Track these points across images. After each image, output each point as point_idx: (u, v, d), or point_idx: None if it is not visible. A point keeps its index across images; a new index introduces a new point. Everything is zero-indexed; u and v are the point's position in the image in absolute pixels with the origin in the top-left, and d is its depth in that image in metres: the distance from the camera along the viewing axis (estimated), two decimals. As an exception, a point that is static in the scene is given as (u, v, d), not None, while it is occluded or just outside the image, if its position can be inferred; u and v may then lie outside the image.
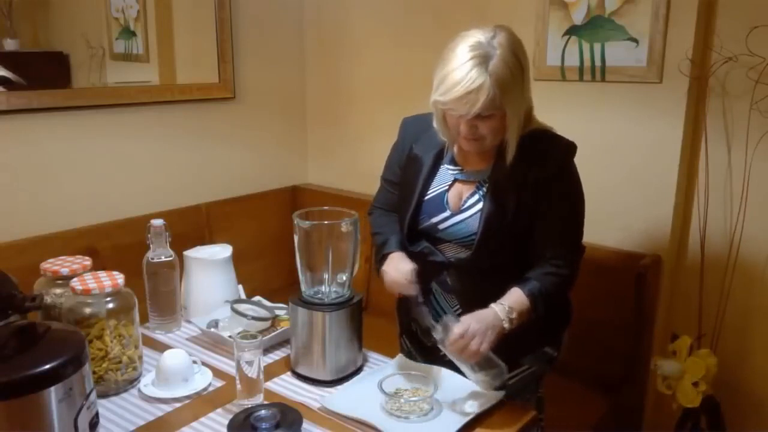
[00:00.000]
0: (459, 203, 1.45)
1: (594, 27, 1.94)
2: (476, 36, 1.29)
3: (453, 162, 1.48)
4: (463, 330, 1.28)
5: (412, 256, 1.49)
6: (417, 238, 1.51)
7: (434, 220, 1.47)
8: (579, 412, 1.82)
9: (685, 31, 1.80)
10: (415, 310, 1.42)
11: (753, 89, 1.75)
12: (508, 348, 1.35)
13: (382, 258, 1.51)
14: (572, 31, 1.98)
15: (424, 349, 1.53)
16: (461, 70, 1.26)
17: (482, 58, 1.26)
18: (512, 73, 1.28)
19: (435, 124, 1.42)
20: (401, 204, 1.53)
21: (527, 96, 1.37)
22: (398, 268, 1.44)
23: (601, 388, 1.90)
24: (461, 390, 1.35)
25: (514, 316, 1.33)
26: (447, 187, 1.47)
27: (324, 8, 2.66)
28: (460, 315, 1.42)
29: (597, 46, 1.94)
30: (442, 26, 2.28)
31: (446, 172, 1.48)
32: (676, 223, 1.95)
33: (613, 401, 1.89)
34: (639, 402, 2.06)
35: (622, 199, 1.99)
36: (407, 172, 1.53)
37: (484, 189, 1.42)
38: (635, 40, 1.87)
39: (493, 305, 1.34)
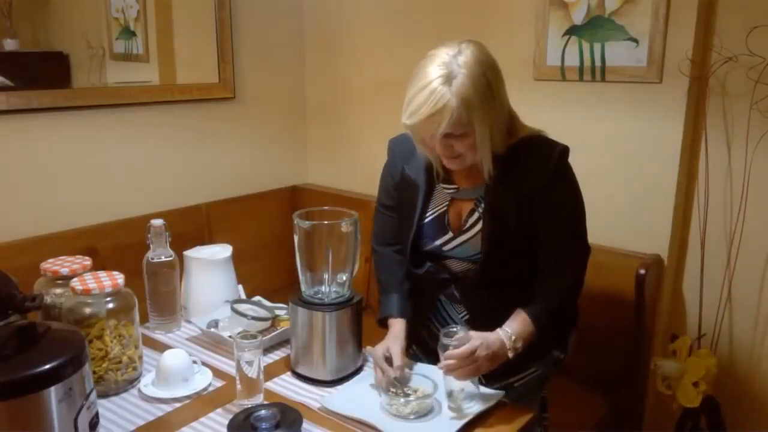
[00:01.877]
0: (460, 222, 1.44)
1: (594, 27, 1.93)
2: (441, 55, 1.27)
3: (448, 181, 1.46)
4: (473, 350, 1.25)
5: (418, 277, 1.50)
6: (422, 258, 1.50)
7: (437, 242, 1.46)
8: (579, 413, 1.81)
9: (685, 31, 1.80)
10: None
11: (753, 89, 1.75)
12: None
13: (384, 318, 1.51)
14: (572, 31, 1.98)
15: (431, 355, 1.52)
16: (425, 91, 1.24)
17: (446, 78, 1.23)
18: (478, 91, 1.25)
19: (416, 146, 1.40)
20: (401, 227, 1.52)
21: (502, 110, 1.33)
22: (384, 366, 1.37)
23: (601, 388, 1.89)
24: (461, 390, 1.35)
25: (519, 345, 1.33)
26: (446, 208, 1.46)
27: (324, 8, 2.66)
28: (467, 321, 1.42)
29: (597, 46, 1.94)
30: (443, 26, 2.28)
31: (443, 192, 1.47)
32: (676, 223, 1.95)
33: (613, 401, 1.89)
34: (639, 402, 2.06)
35: (622, 199, 1.99)
36: (404, 195, 1.51)
37: (483, 206, 1.41)
38: (635, 40, 1.87)
39: (499, 332, 1.33)
